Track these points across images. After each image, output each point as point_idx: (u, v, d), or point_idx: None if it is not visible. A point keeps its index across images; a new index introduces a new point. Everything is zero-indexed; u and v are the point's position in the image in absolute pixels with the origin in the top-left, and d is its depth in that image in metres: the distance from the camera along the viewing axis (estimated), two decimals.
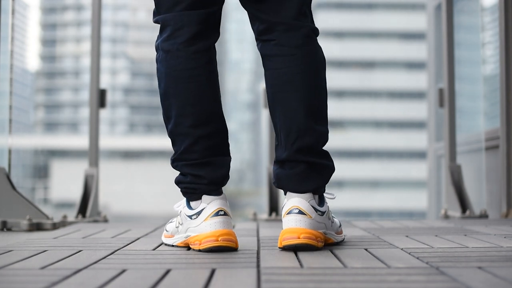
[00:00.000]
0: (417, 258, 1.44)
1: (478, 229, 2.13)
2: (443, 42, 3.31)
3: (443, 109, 3.30)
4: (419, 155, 41.95)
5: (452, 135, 3.24)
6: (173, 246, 1.71)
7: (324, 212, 1.63)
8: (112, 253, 1.57)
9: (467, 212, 2.91)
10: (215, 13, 1.65)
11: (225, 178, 1.64)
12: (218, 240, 1.55)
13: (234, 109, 52.94)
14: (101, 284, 1.14)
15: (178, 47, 1.60)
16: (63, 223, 2.61)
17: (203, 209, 1.59)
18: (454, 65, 3.28)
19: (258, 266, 1.35)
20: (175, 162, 1.65)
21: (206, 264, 1.37)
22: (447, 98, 3.25)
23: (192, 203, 1.63)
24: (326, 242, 1.65)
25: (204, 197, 1.60)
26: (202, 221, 1.58)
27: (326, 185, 1.67)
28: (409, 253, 1.52)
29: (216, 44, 1.68)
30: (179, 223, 1.69)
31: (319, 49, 1.67)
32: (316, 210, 1.59)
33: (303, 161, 1.61)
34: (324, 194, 1.67)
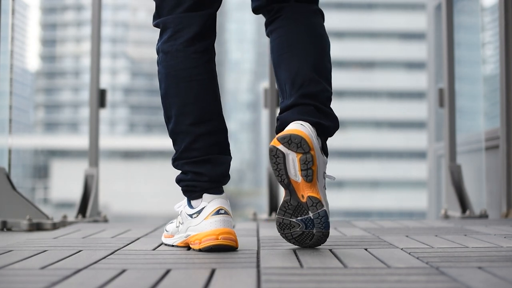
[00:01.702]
0: (417, 258, 1.44)
1: (478, 229, 2.13)
2: (443, 42, 3.31)
3: (443, 109, 3.30)
4: (419, 155, 41.94)
5: (452, 135, 3.24)
6: (173, 246, 1.71)
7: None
8: (112, 253, 1.57)
9: (467, 212, 2.91)
10: (214, 14, 1.67)
11: (225, 176, 1.64)
12: (218, 239, 1.55)
13: (234, 109, 52.94)
14: (101, 284, 1.14)
15: (178, 48, 1.62)
16: (63, 223, 2.61)
17: (203, 208, 1.59)
18: (454, 65, 3.28)
19: (258, 266, 1.35)
20: (176, 161, 1.66)
21: (206, 264, 1.37)
22: (447, 98, 3.25)
23: (193, 202, 1.64)
24: None
25: (205, 195, 1.60)
26: (203, 220, 1.58)
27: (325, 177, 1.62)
28: (409, 253, 1.52)
29: (216, 44, 1.71)
30: (179, 222, 1.69)
31: (324, 28, 1.71)
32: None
33: (311, 104, 1.60)
34: (325, 175, 1.61)
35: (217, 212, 1.58)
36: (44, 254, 1.55)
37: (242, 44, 55.80)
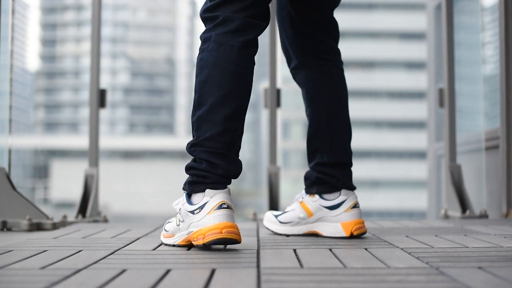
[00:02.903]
0: (417, 258, 1.44)
1: (478, 229, 2.13)
2: (443, 42, 3.31)
3: (443, 109, 3.30)
4: (419, 155, 41.95)
5: (452, 135, 3.24)
6: (174, 246, 1.71)
7: None
8: (112, 253, 1.57)
9: (467, 212, 2.91)
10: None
11: (237, 175, 1.68)
12: (222, 233, 1.56)
13: None
14: (101, 284, 1.14)
15: (235, 45, 1.68)
16: (63, 223, 2.61)
17: (206, 203, 1.60)
18: (454, 65, 3.27)
19: (258, 266, 1.35)
20: (194, 147, 1.67)
21: (206, 264, 1.37)
22: (447, 98, 3.25)
23: (194, 198, 1.65)
24: None
25: (208, 191, 1.62)
26: (206, 215, 1.59)
27: None
28: (409, 253, 1.52)
29: None
30: (179, 220, 1.69)
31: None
32: None
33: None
34: None
35: (220, 207, 1.59)
36: (44, 254, 1.55)
37: None
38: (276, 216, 2.05)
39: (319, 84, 2.00)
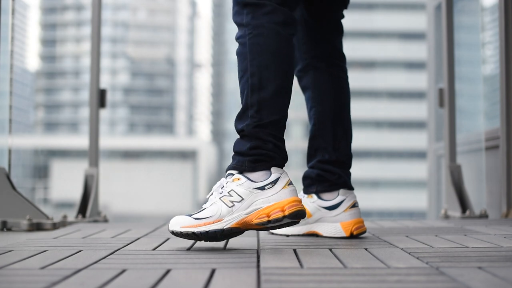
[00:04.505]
0: (417, 258, 1.44)
1: (478, 229, 2.13)
2: (443, 42, 3.31)
3: (443, 109, 3.30)
4: (419, 155, 41.96)
5: (452, 135, 3.24)
6: (223, 230, 1.63)
7: None
8: (112, 253, 1.57)
9: (467, 212, 2.91)
10: None
11: (287, 160, 1.74)
12: (300, 206, 1.64)
13: (234, 109, 52.85)
14: (101, 284, 1.14)
15: (288, 37, 1.75)
16: (63, 223, 2.61)
17: (278, 178, 1.66)
18: (454, 65, 3.27)
19: (258, 266, 1.35)
20: (258, 128, 1.69)
21: (206, 264, 1.37)
22: (447, 98, 3.25)
23: (255, 176, 1.66)
24: None
25: (274, 168, 1.67)
26: (281, 189, 1.65)
27: None
28: (409, 253, 1.52)
29: (216, 44, 1.75)
30: (232, 202, 1.65)
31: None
32: None
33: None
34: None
35: (291, 183, 1.67)
36: (44, 254, 1.55)
37: None
38: None
39: (327, 85, 2.04)
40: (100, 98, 3.16)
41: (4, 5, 2.72)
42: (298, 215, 1.64)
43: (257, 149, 1.68)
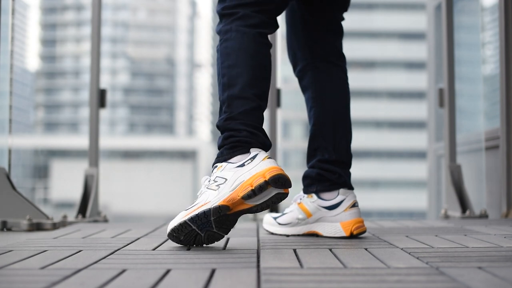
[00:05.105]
0: (417, 258, 1.44)
1: (478, 229, 2.13)
2: (443, 42, 3.31)
3: (443, 109, 3.30)
4: (419, 155, 41.95)
5: (452, 135, 3.24)
6: (211, 210, 1.63)
7: None
8: (112, 253, 1.57)
9: (467, 212, 2.91)
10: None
11: (269, 147, 1.78)
12: (281, 171, 1.66)
13: None
14: (101, 284, 1.14)
15: (255, 34, 1.81)
16: (63, 223, 2.61)
17: (256, 155, 1.70)
18: (454, 65, 3.27)
19: (258, 266, 1.35)
20: (229, 120, 1.74)
21: (206, 264, 1.37)
22: (447, 98, 3.25)
23: (237, 158, 1.71)
24: None
25: (253, 149, 1.72)
26: (260, 161, 1.68)
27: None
28: (409, 253, 1.52)
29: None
30: (218, 186, 1.68)
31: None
32: None
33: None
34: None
35: (270, 157, 1.72)
36: (44, 254, 1.55)
37: None
38: (275, 218, 2.05)
39: (327, 85, 2.05)
40: (100, 98, 3.16)
41: (4, 5, 2.72)
42: (280, 179, 1.65)
43: (231, 138, 1.73)
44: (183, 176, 45.65)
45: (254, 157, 1.69)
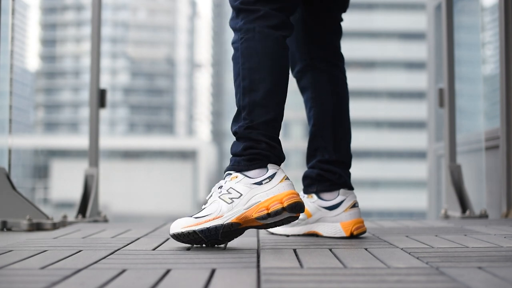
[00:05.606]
0: (417, 258, 1.44)
1: (478, 229, 2.13)
2: (443, 42, 3.31)
3: (443, 109, 3.30)
4: (419, 155, 41.97)
5: (452, 135, 3.24)
6: (223, 226, 1.64)
7: None
8: (112, 253, 1.57)
9: (467, 212, 2.91)
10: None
11: (283, 159, 1.77)
12: (298, 198, 1.66)
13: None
14: (101, 284, 1.14)
15: (278, 37, 1.78)
16: (63, 223, 2.61)
17: (275, 173, 1.69)
18: (454, 65, 3.27)
19: (258, 266, 1.35)
20: (250, 129, 1.72)
21: (206, 264, 1.37)
22: (447, 98, 3.25)
23: (253, 172, 1.69)
24: None
25: (271, 165, 1.70)
26: (278, 183, 1.67)
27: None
28: (409, 253, 1.52)
29: (216, 44, 1.78)
30: (231, 199, 1.67)
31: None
32: None
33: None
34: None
35: (287, 178, 1.71)
36: (44, 254, 1.55)
37: None
38: None
39: (326, 85, 2.05)
40: (100, 98, 3.16)
41: (4, 5, 2.72)
42: (296, 207, 1.65)
43: (251, 149, 1.71)
44: (183, 176, 45.65)
45: (272, 176, 1.68)
